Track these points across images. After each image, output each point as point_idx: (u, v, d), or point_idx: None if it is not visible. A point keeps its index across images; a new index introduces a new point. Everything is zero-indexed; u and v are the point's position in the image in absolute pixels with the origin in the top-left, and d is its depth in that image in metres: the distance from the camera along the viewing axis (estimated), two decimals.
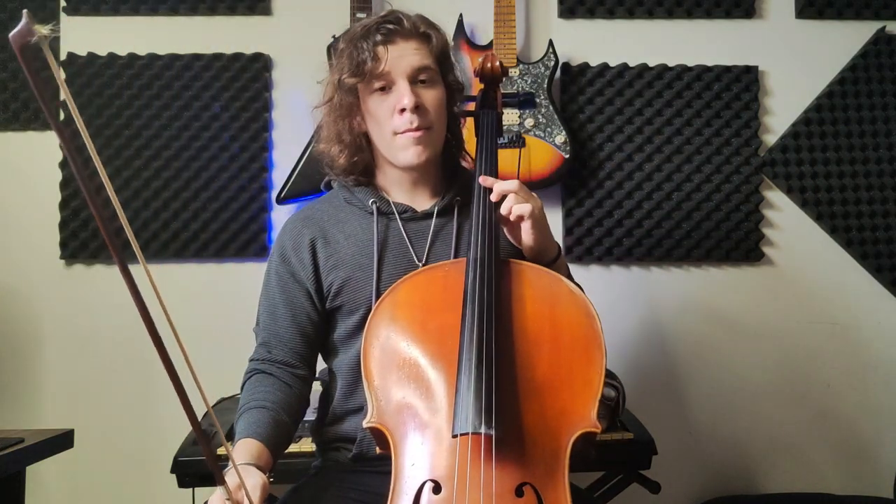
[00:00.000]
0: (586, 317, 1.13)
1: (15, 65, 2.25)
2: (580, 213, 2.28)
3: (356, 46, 1.25)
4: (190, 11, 2.27)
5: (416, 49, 1.26)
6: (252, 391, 1.27)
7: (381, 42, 1.24)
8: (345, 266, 1.30)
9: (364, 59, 1.23)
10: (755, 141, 2.31)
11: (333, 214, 1.36)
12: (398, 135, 1.26)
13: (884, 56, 2.33)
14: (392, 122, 1.26)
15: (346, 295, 1.29)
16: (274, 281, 1.34)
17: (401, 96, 1.24)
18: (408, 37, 1.26)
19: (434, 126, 1.28)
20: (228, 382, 2.10)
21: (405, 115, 1.24)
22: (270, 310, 1.33)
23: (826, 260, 2.33)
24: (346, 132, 1.32)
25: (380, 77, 1.25)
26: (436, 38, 1.29)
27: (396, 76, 1.25)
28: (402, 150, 1.27)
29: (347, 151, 1.33)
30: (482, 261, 1.15)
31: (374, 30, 1.25)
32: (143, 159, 2.23)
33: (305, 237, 1.33)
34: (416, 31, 1.27)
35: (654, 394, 2.28)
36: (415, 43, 1.27)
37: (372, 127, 1.30)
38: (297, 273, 1.32)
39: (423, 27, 1.28)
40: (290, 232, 1.36)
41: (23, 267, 2.24)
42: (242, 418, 1.22)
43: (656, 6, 2.32)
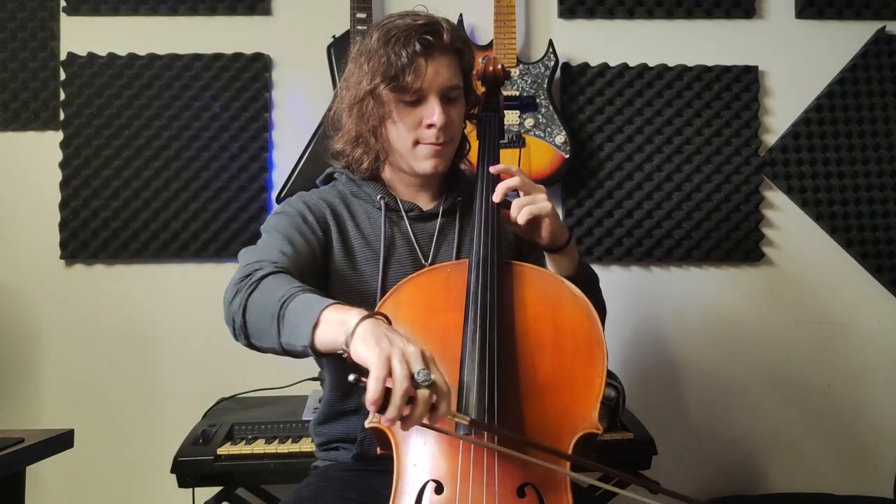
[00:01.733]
0: (588, 318, 1.14)
1: (15, 65, 2.24)
2: (580, 213, 2.28)
3: (395, 52, 1.22)
4: (190, 11, 2.27)
5: (449, 66, 1.26)
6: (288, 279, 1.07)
7: (421, 54, 1.22)
8: (352, 255, 1.30)
9: (402, 70, 1.22)
10: (755, 141, 2.31)
11: (343, 202, 1.36)
12: (420, 145, 1.27)
13: (884, 56, 2.34)
14: (417, 133, 1.27)
15: (348, 287, 1.29)
16: (285, 222, 1.26)
17: (431, 113, 1.24)
18: (444, 51, 1.25)
19: (453, 140, 1.31)
20: (228, 382, 2.11)
21: (432, 130, 1.25)
22: (283, 237, 1.22)
23: (826, 260, 2.33)
24: (371, 137, 1.30)
25: (415, 92, 1.24)
26: (467, 55, 1.31)
27: (429, 91, 1.25)
28: (422, 161, 1.28)
29: (372, 155, 1.32)
30: (484, 262, 1.15)
31: (414, 38, 1.22)
32: (142, 159, 2.23)
33: (324, 210, 1.32)
34: (452, 46, 1.26)
35: (654, 394, 2.28)
36: (449, 59, 1.26)
37: (392, 131, 1.29)
38: (314, 228, 1.27)
39: (458, 42, 1.28)
40: (308, 201, 1.32)
41: (23, 267, 2.23)
42: (300, 294, 1.01)
43: (656, 6, 2.32)
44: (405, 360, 0.85)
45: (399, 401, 0.83)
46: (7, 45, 2.24)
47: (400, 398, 0.83)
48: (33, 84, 2.25)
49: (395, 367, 0.84)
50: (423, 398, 0.85)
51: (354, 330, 0.89)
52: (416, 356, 0.86)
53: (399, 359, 0.85)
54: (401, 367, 0.84)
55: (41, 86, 2.25)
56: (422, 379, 0.84)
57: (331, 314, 0.93)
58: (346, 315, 0.92)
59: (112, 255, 2.22)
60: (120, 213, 2.22)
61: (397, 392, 0.83)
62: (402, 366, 0.84)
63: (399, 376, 0.83)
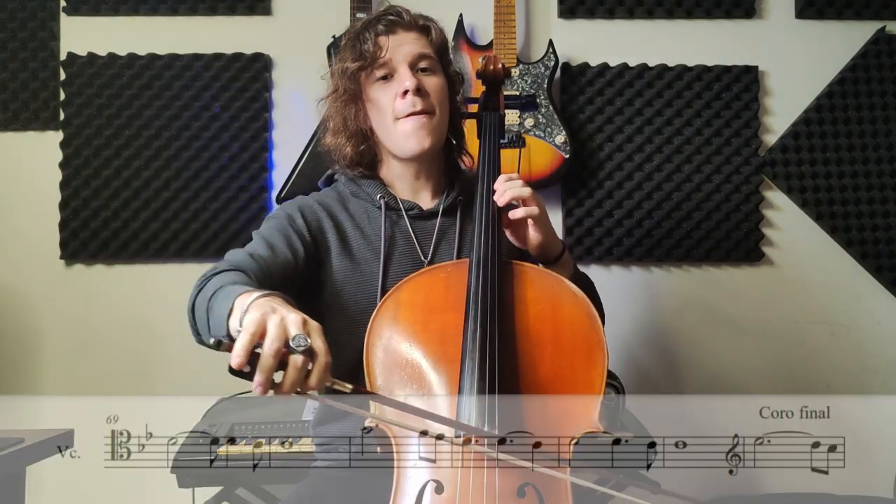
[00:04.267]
0: (588, 318, 1.14)
1: (15, 65, 2.24)
2: (580, 213, 2.28)
3: (358, 38, 1.29)
4: (190, 11, 2.27)
5: (416, 38, 1.31)
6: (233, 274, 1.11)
7: (383, 32, 1.29)
8: (352, 255, 1.30)
9: (367, 48, 1.27)
10: (755, 141, 2.31)
11: (341, 203, 1.37)
12: (400, 120, 1.28)
13: (884, 56, 2.33)
14: (394, 108, 1.28)
15: (349, 287, 1.29)
16: (272, 225, 1.28)
17: (402, 80, 1.27)
18: (408, 28, 1.31)
19: (436, 112, 1.30)
20: (228, 382, 2.10)
21: (407, 98, 1.26)
22: (264, 240, 1.24)
23: (826, 260, 2.33)
24: (351, 120, 1.33)
25: (382, 66, 1.28)
26: (434, 31, 1.34)
27: (398, 63, 1.28)
28: (405, 139, 1.28)
29: (354, 140, 1.34)
30: (485, 262, 1.15)
31: (375, 22, 1.30)
32: (142, 159, 2.23)
33: (319, 213, 1.33)
34: (415, 23, 1.32)
35: (654, 394, 2.28)
36: (415, 33, 1.31)
37: (374, 117, 1.31)
38: (301, 232, 1.28)
39: (421, 20, 1.33)
40: (302, 204, 1.34)
41: (23, 267, 2.23)
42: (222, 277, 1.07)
43: (656, 6, 2.32)
44: (283, 325, 0.83)
45: (267, 360, 0.81)
46: (7, 45, 2.24)
47: (269, 357, 0.81)
48: (33, 84, 2.25)
49: (269, 328, 0.83)
50: (294, 363, 0.82)
51: (249, 306, 0.89)
52: (296, 322, 0.84)
53: (276, 322, 0.83)
54: (275, 329, 0.82)
55: (41, 86, 2.25)
56: (296, 344, 0.82)
57: (241, 300, 0.93)
58: (249, 296, 0.92)
59: (112, 255, 2.22)
60: (120, 213, 2.22)
61: (265, 351, 0.81)
62: (278, 328, 0.82)
63: (271, 336, 0.82)
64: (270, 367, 0.81)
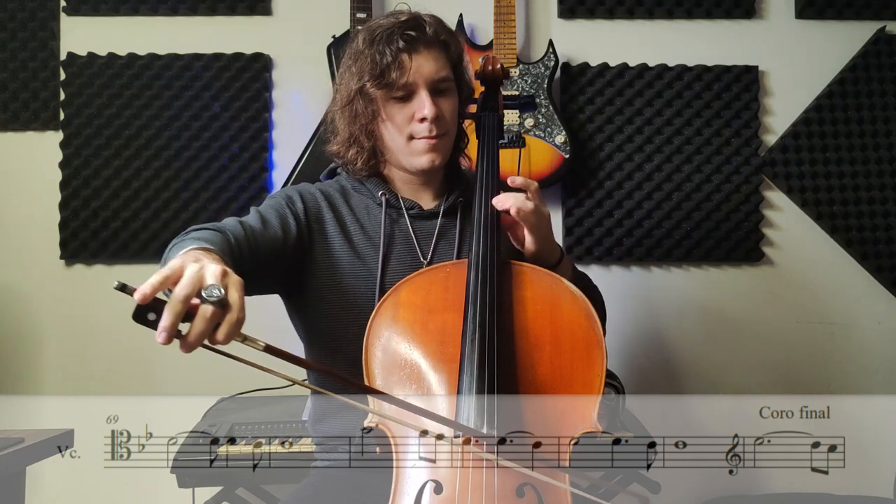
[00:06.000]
0: (587, 318, 1.14)
1: (15, 65, 2.24)
2: (580, 213, 2.28)
3: (379, 51, 1.24)
4: (190, 11, 2.27)
5: (436, 58, 1.27)
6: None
7: (405, 50, 1.24)
8: (352, 244, 1.31)
9: (387, 68, 1.24)
10: (755, 141, 2.31)
11: (343, 195, 1.37)
12: (414, 140, 1.28)
13: (884, 56, 2.33)
14: (410, 128, 1.27)
15: (350, 272, 1.29)
16: (270, 203, 1.30)
17: (422, 106, 1.25)
18: (429, 45, 1.27)
19: (448, 133, 1.31)
20: (228, 382, 2.11)
21: (424, 123, 1.26)
22: (258, 213, 1.26)
23: (826, 260, 2.33)
24: (363, 136, 1.31)
25: (402, 87, 1.25)
26: (454, 46, 1.32)
27: (418, 86, 1.26)
28: (417, 156, 1.29)
29: (364, 155, 1.33)
30: (484, 262, 1.15)
31: (397, 35, 1.24)
32: (142, 159, 2.23)
33: (319, 199, 1.33)
34: (436, 38, 1.28)
35: (654, 394, 2.28)
36: (435, 52, 1.28)
37: (385, 130, 1.30)
38: (297, 213, 1.29)
39: (443, 35, 1.29)
40: (302, 189, 1.35)
41: (23, 267, 2.23)
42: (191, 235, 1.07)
43: (656, 6, 2.32)
44: (200, 273, 0.81)
45: (174, 304, 0.79)
46: (7, 45, 2.24)
47: (176, 300, 0.79)
48: (33, 84, 2.25)
49: (185, 273, 0.81)
50: (203, 312, 0.80)
51: (180, 255, 0.88)
52: (215, 273, 0.83)
53: (194, 269, 0.81)
54: (190, 275, 0.81)
55: (41, 86, 2.25)
56: (208, 294, 0.80)
57: (183, 254, 0.92)
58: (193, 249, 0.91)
59: (112, 255, 2.22)
60: (120, 213, 2.22)
61: (174, 294, 0.79)
62: (194, 275, 0.81)
63: (184, 281, 0.80)
64: (177, 313, 0.79)
